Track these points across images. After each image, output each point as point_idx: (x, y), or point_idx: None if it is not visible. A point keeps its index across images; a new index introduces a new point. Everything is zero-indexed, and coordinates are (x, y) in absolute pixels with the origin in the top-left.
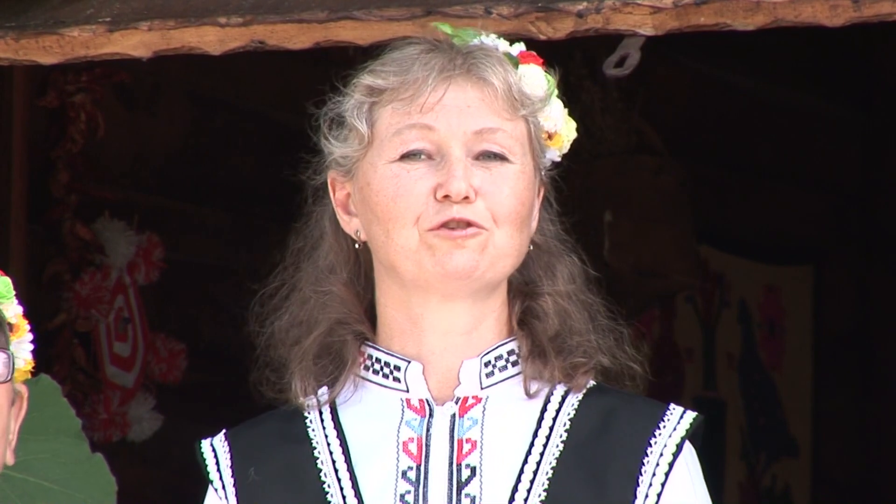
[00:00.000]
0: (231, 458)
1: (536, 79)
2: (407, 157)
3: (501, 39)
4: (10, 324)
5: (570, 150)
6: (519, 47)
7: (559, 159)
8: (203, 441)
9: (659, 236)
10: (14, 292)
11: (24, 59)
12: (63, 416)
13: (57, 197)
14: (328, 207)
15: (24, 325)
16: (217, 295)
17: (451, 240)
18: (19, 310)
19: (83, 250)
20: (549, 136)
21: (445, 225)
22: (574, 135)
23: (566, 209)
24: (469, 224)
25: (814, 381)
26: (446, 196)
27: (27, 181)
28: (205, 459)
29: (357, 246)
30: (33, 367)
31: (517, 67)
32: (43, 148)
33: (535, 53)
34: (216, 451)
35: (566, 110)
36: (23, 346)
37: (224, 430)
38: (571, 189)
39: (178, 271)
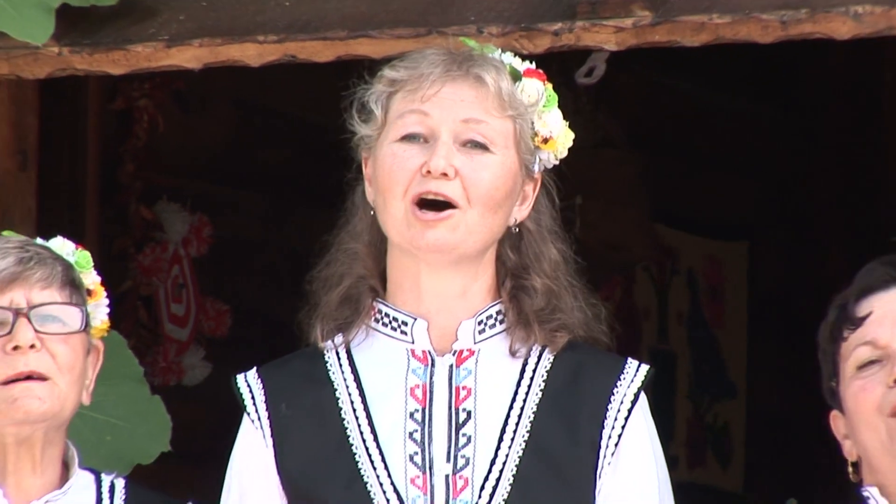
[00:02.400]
0: (265, 394)
1: (534, 89)
2: (406, 138)
3: (516, 57)
4: (88, 289)
5: None
6: (526, 65)
7: (557, 162)
8: (238, 376)
9: (621, 216)
10: (92, 263)
11: (97, 70)
12: (128, 364)
13: (124, 184)
14: (361, 182)
15: (101, 291)
16: (256, 264)
17: (423, 222)
18: (97, 278)
19: (145, 228)
20: (545, 141)
21: (422, 200)
22: (570, 143)
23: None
24: (444, 202)
25: (748, 335)
26: (429, 171)
27: (99, 171)
28: (241, 392)
29: (372, 213)
30: (108, 325)
31: (521, 80)
32: (112, 144)
33: (540, 71)
34: (250, 385)
35: (566, 122)
36: (100, 308)
37: (256, 367)
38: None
39: (224, 245)
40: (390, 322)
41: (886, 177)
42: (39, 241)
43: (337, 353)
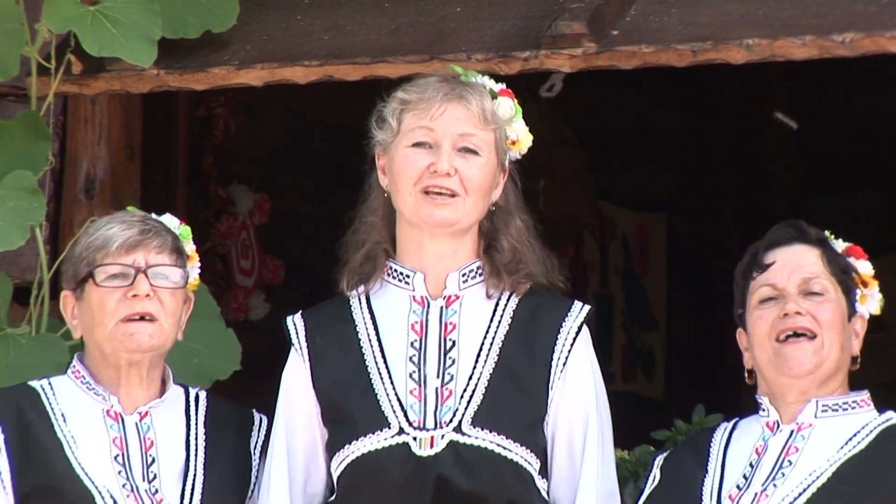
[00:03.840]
0: (305, 330)
1: (507, 105)
2: (416, 145)
3: (491, 80)
4: (187, 255)
5: None
6: (500, 86)
7: (520, 157)
8: (287, 317)
9: (573, 195)
10: (192, 236)
11: (185, 86)
12: (208, 305)
13: (205, 171)
14: (374, 171)
15: (196, 257)
16: (303, 230)
17: (432, 203)
18: (193, 247)
19: (221, 204)
20: (513, 143)
21: (432, 189)
22: (530, 143)
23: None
24: (449, 192)
25: (667, 283)
26: (436, 171)
27: (187, 161)
28: (289, 330)
29: (386, 195)
30: (198, 281)
31: (497, 98)
32: (197, 141)
33: (510, 90)
34: (295, 324)
35: (526, 128)
36: (194, 270)
37: (301, 311)
38: (522, 168)
39: (280, 216)
40: (397, 275)
41: (770, 168)
42: (154, 216)
43: (359, 299)
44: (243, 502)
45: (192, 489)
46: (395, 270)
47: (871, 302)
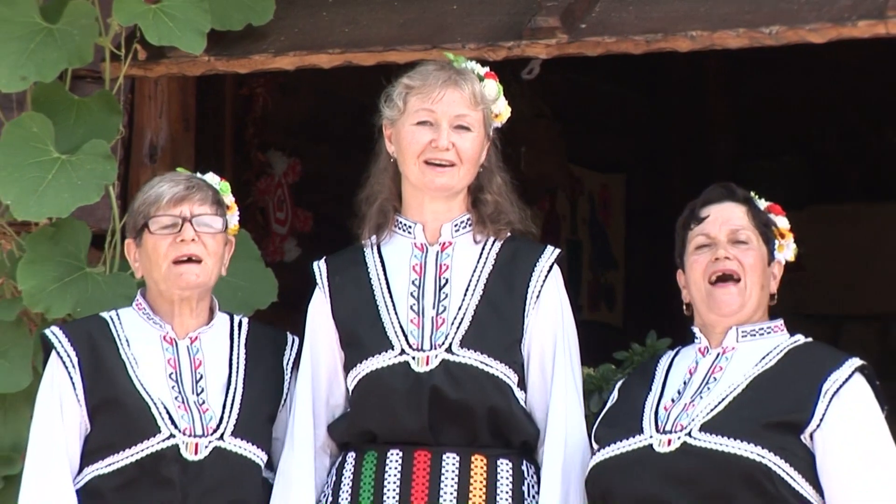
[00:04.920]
0: (327, 273)
1: (492, 87)
2: (420, 123)
3: (478, 65)
4: (227, 205)
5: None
6: (486, 69)
7: (500, 125)
8: (313, 263)
9: (548, 159)
10: (230, 189)
11: (231, 70)
12: (250, 249)
13: (247, 140)
14: (383, 139)
15: (235, 207)
16: (328, 188)
17: (434, 171)
18: (232, 198)
19: (261, 167)
20: (496, 116)
21: (432, 161)
22: (508, 115)
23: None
24: (448, 163)
25: (626, 231)
26: (437, 146)
27: (232, 132)
28: (314, 272)
29: (392, 160)
30: (238, 228)
31: (483, 80)
32: (240, 115)
33: (494, 73)
34: (319, 268)
35: (506, 103)
36: (233, 217)
37: (324, 257)
38: (507, 137)
39: (309, 176)
40: (402, 226)
41: (711, 137)
42: (198, 174)
43: (371, 247)
44: (276, 410)
45: (233, 400)
46: (400, 222)
47: (787, 251)
